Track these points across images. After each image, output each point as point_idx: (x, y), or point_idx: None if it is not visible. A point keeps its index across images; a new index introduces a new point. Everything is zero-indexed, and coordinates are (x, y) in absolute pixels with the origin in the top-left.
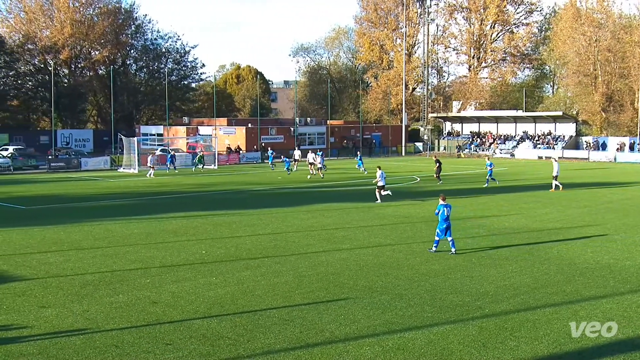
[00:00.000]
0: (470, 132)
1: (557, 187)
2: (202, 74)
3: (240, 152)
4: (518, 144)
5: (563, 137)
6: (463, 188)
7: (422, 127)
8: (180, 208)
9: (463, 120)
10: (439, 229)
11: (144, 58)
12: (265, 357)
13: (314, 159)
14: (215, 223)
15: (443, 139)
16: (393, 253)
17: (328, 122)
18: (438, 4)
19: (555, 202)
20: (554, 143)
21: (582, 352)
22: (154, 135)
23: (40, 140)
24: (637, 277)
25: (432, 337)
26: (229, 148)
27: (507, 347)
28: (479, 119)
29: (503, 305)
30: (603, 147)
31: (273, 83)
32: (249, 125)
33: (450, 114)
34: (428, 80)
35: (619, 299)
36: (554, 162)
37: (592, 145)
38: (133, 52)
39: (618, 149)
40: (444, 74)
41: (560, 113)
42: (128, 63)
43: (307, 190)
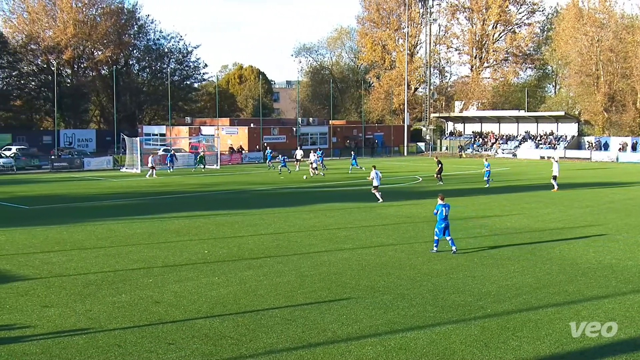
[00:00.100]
0: (473, 132)
1: (552, 186)
2: (204, 74)
3: (243, 152)
4: (520, 144)
5: (565, 137)
6: (465, 188)
7: (424, 127)
8: (183, 208)
9: (465, 120)
10: (438, 229)
11: (147, 58)
12: (268, 356)
13: (313, 158)
14: (218, 223)
15: (445, 139)
16: (395, 253)
17: (330, 122)
18: (440, 4)
19: (557, 202)
20: (556, 143)
21: (584, 351)
22: (157, 135)
23: (43, 140)
24: (639, 277)
25: (434, 336)
26: (232, 148)
27: (509, 346)
28: (481, 119)
29: (505, 305)
30: (605, 147)
31: (275, 83)
32: (252, 126)
33: (453, 114)
34: (430, 80)
35: (621, 299)
36: (554, 162)
37: (594, 145)
38: (136, 52)
39: (620, 149)
40: (446, 74)
41: (563, 113)
42: (131, 63)
43: (309, 190)
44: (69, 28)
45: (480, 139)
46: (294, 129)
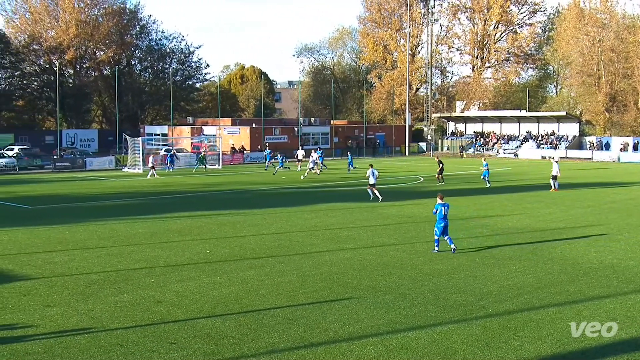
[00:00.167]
0: (474, 132)
1: (552, 186)
2: (206, 74)
3: (245, 152)
4: (521, 144)
5: (566, 137)
6: (466, 188)
7: (425, 127)
8: (185, 208)
9: (466, 120)
10: (437, 228)
11: (149, 58)
12: (269, 356)
13: (316, 158)
14: (220, 223)
15: (447, 139)
16: (397, 253)
17: (332, 122)
18: (442, 4)
19: (559, 202)
20: (558, 143)
21: (585, 351)
22: (159, 135)
23: (46, 140)
24: None
25: (435, 336)
26: (233, 148)
27: (510, 346)
28: (483, 119)
29: (506, 305)
30: (606, 147)
31: (277, 83)
32: (253, 125)
33: (454, 114)
34: (432, 81)
35: (623, 299)
36: (554, 162)
37: (595, 145)
38: (138, 52)
39: (621, 149)
40: (448, 74)
41: (564, 113)
42: (133, 63)
43: (310, 190)
44: (72, 28)
45: (482, 139)
46: (296, 129)
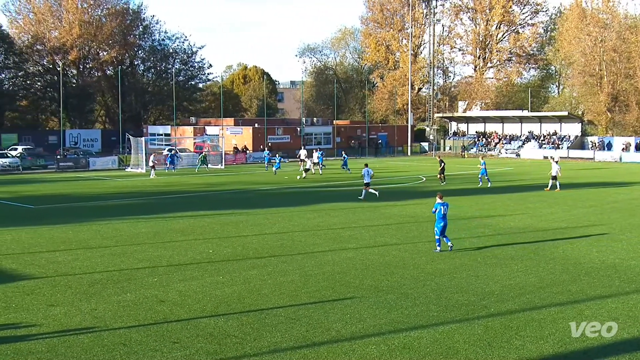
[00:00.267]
0: (476, 132)
1: (553, 187)
2: (209, 75)
3: (247, 152)
4: (524, 144)
5: (568, 137)
6: (468, 188)
7: (428, 127)
8: (188, 207)
9: (469, 120)
10: (437, 227)
11: (152, 58)
12: (272, 355)
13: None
14: (222, 222)
15: (449, 139)
16: (399, 252)
17: (334, 122)
18: (444, 5)
19: (561, 201)
20: (560, 143)
21: (587, 351)
22: (162, 135)
23: (49, 140)
24: None
25: (437, 336)
26: (236, 148)
27: (512, 346)
28: (485, 119)
29: (508, 305)
30: (608, 147)
31: (279, 83)
32: (256, 126)
33: (456, 114)
34: (434, 81)
35: (625, 299)
36: (553, 162)
37: (597, 145)
38: (141, 52)
39: (623, 149)
40: (450, 74)
41: (566, 113)
42: (136, 63)
43: (313, 190)
44: (75, 29)
45: (484, 139)
46: (298, 129)
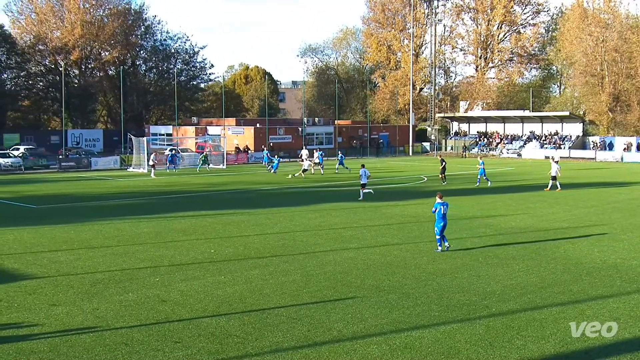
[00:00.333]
0: (478, 132)
1: (553, 187)
2: (210, 75)
3: (249, 152)
4: (525, 144)
5: (570, 137)
6: (470, 188)
7: (429, 127)
8: (189, 207)
9: (470, 120)
10: (437, 227)
11: (154, 58)
12: (273, 355)
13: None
14: (224, 222)
15: (450, 139)
16: (400, 252)
17: (336, 122)
18: (445, 5)
19: (562, 201)
20: (561, 143)
21: (588, 351)
22: (164, 135)
23: (51, 140)
24: None
25: (439, 335)
26: (238, 148)
27: (514, 346)
28: (486, 119)
29: (510, 304)
30: (610, 147)
31: (281, 83)
32: (258, 125)
33: (458, 114)
34: (435, 81)
35: (626, 299)
36: (552, 162)
37: (598, 145)
38: (142, 52)
39: (625, 149)
40: (451, 74)
41: (567, 113)
42: (137, 63)
43: (314, 190)
44: (77, 29)
45: (485, 139)
46: (300, 129)
